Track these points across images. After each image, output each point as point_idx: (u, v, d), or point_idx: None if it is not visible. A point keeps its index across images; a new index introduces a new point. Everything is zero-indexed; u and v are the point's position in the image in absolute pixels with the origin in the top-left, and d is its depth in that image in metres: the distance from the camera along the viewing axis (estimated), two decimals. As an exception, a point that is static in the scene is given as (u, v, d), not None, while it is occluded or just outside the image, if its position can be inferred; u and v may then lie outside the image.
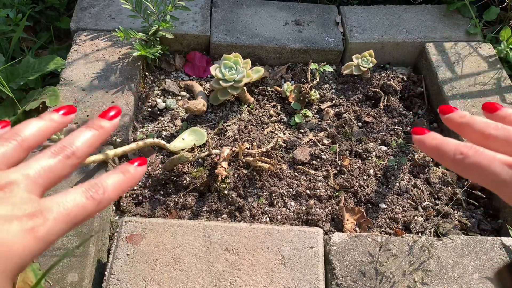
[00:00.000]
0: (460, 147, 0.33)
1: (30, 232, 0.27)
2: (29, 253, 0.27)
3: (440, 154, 0.34)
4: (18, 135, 0.34)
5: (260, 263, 0.92)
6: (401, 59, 1.48)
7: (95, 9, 1.42)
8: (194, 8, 1.47)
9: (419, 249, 0.94)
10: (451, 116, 0.38)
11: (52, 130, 0.37)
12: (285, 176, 1.13)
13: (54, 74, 1.32)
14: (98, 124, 0.37)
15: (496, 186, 0.30)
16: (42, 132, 0.35)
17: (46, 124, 0.36)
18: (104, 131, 0.37)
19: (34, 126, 0.35)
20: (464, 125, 0.36)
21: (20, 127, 0.35)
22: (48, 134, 0.36)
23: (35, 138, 0.35)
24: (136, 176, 0.36)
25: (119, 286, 0.88)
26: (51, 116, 0.37)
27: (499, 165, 0.30)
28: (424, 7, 1.54)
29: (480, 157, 0.31)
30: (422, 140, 0.36)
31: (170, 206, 1.07)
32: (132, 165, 0.36)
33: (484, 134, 0.34)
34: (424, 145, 0.36)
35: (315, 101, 1.33)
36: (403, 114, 1.32)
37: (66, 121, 0.38)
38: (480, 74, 1.34)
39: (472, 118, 0.36)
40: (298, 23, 1.47)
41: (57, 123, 0.37)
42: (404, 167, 1.18)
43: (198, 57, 1.42)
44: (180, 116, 1.29)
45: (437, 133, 0.36)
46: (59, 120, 0.37)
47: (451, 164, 0.33)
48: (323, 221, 1.05)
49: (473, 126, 0.35)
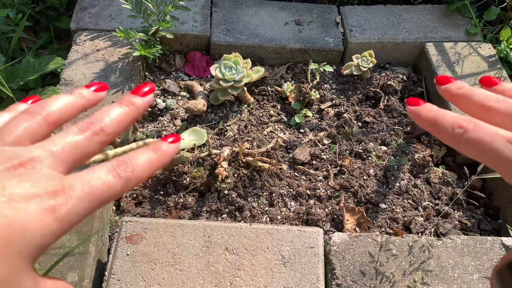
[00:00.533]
0: (459, 120, 0.30)
1: (50, 212, 0.25)
2: (50, 234, 0.25)
3: (437, 128, 0.32)
4: (44, 109, 0.31)
5: (260, 263, 0.92)
6: (401, 59, 1.48)
7: (95, 9, 1.42)
8: (194, 8, 1.47)
9: (419, 249, 0.94)
10: (448, 86, 0.35)
11: (81, 107, 0.34)
12: (285, 176, 1.13)
13: (54, 74, 1.32)
14: (130, 100, 0.34)
15: (498, 164, 0.28)
16: (70, 107, 0.33)
17: (75, 99, 0.34)
18: (135, 107, 0.34)
19: (62, 101, 0.33)
20: (461, 96, 0.34)
21: (47, 101, 0.32)
22: (76, 111, 0.34)
23: (62, 113, 0.32)
24: (168, 153, 0.33)
25: (119, 286, 0.88)
26: (81, 91, 0.34)
27: (502, 142, 0.28)
28: (424, 7, 1.54)
29: (481, 132, 0.29)
30: (417, 111, 0.33)
31: (170, 206, 1.07)
32: (165, 142, 0.33)
33: (485, 107, 0.32)
34: (420, 117, 0.33)
35: (315, 101, 1.33)
36: (403, 114, 1.32)
37: (97, 98, 0.35)
38: (480, 74, 1.34)
39: (471, 89, 0.34)
40: (298, 23, 1.47)
41: (86, 99, 0.34)
42: (404, 167, 1.18)
43: (198, 57, 1.42)
44: (180, 116, 1.29)
45: (433, 105, 0.33)
46: (89, 97, 0.34)
47: (449, 139, 0.31)
48: (323, 221, 1.05)
49: (472, 98, 0.33)
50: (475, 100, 0.32)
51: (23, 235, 0.24)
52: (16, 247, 0.24)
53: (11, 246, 0.24)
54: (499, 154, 0.28)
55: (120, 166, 0.29)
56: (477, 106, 0.32)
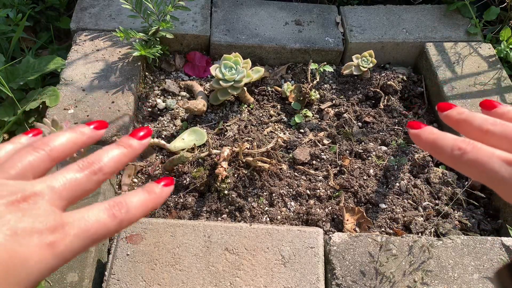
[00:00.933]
0: (458, 142, 0.32)
1: (49, 247, 0.27)
2: (46, 269, 0.27)
3: (437, 150, 0.33)
4: (47, 145, 0.33)
5: (260, 263, 0.92)
6: (401, 59, 1.48)
7: (95, 9, 1.42)
8: (194, 8, 1.47)
9: (419, 249, 0.94)
10: (449, 113, 0.37)
11: (82, 143, 0.37)
12: (285, 176, 1.13)
13: (54, 74, 1.32)
14: (127, 142, 0.37)
15: (495, 183, 0.29)
16: (72, 144, 0.35)
17: (76, 136, 0.36)
18: (132, 149, 0.37)
19: (65, 138, 0.35)
20: (462, 121, 0.35)
21: (51, 137, 0.34)
22: (77, 147, 0.36)
23: (65, 150, 0.35)
24: (162, 196, 0.35)
25: (119, 286, 0.88)
26: (83, 129, 0.37)
27: (498, 162, 0.29)
28: (424, 7, 1.54)
29: (478, 153, 0.30)
30: (418, 134, 0.35)
31: (170, 206, 1.07)
32: (158, 185, 0.35)
33: (483, 130, 0.33)
34: (420, 140, 0.35)
35: (315, 101, 1.33)
36: (403, 114, 1.32)
37: (97, 135, 0.38)
38: (480, 74, 1.34)
39: (471, 114, 0.35)
40: (298, 23, 1.47)
41: (87, 137, 0.37)
42: (404, 167, 1.18)
43: (198, 57, 1.42)
44: (180, 116, 1.29)
45: (434, 128, 0.35)
46: (89, 134, 0.37)
47: (448, 160, 0.33)
48: (323, 221, 1.05)
49: (472, 122, 0.34)
50: (475, 124, 0.34)
51: (23, 268, 0.26)
52: (16, 278, 0.25)
53: (12, 278, 0.25)
54: (496, 174, 0.29)
55: (115, 206, 0.31)
56: (476, 130, 0.34)
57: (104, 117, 1.16)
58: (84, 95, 1.20)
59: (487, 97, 1.28)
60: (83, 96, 1.20)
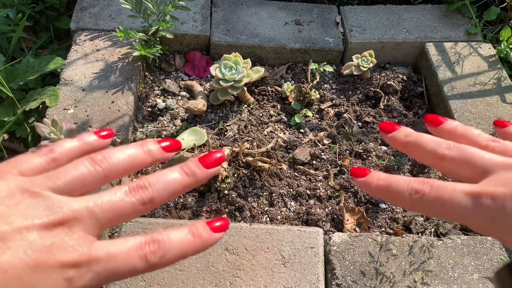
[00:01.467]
0: (414, 185, 0.29)
1: (66, 281, 0.24)
2: None
3: (393, 197, 0.30)
4: (107, 162, 0.29)
5: (260, 263, 0.92)
6: (401, 59, 1.48)
7: (95, 9, 1.42)
8: (194, 8, 1.47)
9: (419, 249, 0.94)
10: (394, 135, 0.34)
11: (145, 164, 0.32)
12: (285, 176, 1.13)
13: (54, 74, 1.32)
14: (194, 170, 0.30)
15: (464, 218, 0.28)
16: (131, 164, 0.30)
17: (140, 155, 0.31)
18: (195, 180, 0.30)
19: (127, 155, 0.30)
20: (411, 145, 0.33)
21: (114, 151, 0.30)
22: (138, 169, 0.31)
23: (123, 170, 0.30)
24: (208, 244, 0.28)
25: (119, 286, 0.88)
26: (151, 147, 0.31)
27: (462, 196, 0.27)
28: (424, 7, 1.54)
29: (438, 192, 0.28)
30: (366, 182, 0.31)
31: (170, 206, 1.07)
32: (207, 228, 0.28)
33: (438, 155, 0.31)
34: (371, 189, 0.31)
35: (315, 101, 1.33)
36: (403, 114, 1.32)
37: (163, 157, 0.32)
38: (480, 74, 1.34)
39: (419, 137, 0.32)
40: (298, 23, 1.47)
41: (152, 158, 0.31)
42: (404, 167, 1.18)
43: (198, 57, 1.42)
44: (180, 116, 1.29)
45: (380, 172, 0.32)
46: (156, 156, 0.31)
47: (408, 206, 0.29)
48: (323, 221, 1.05)
49: (424, 146, 0.32)
50: (428, 149, 0.31)
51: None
52: None
53: None
54: (463, 209, 0.27)
55: (152, 245, 0.26)
56: (431, 155, 0.31)
57: (104, 117, 1.16)
58: (84, 95, 1.20)
59: (487, 97, 1.28)
60: (83, 96, 1.20)
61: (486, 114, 1.23)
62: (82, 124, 1.13)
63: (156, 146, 0.31)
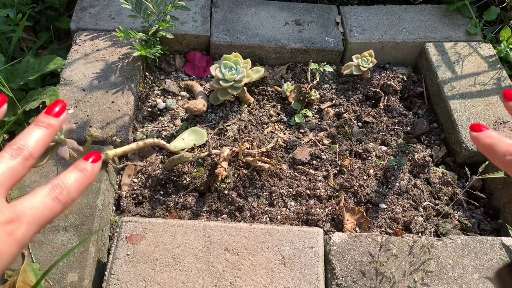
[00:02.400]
0: (511, 148, 0.34)
1: (10, 236, 0.30)
2: (11, 256, 0.29)
3: (492, 153, 0.35)
4: (25, 150, 0.35)
5: (260, 263, 0.92)
6: (401, 59, 1.48)
7: (95, 9, 1.42)
8: (194, 8, 1.47)
9: (419, 249, 0.94)
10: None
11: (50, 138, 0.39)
12: (285, 176, 1.13)
13: (54, 74, 1.32)
14: (47, 122, 0.38)
15: None
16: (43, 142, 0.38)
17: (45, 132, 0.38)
18: (53, 129, 0.38)
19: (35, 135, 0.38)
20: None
21: (24, 136, 0.37)
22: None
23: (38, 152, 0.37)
24: (94, 173, 0.38)
25: (119, 286, 0.88)
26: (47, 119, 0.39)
27: None
28: (424, 7, 1.54)
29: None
30: (477, 137, 0.37)
31: (170, 206, 1.07)
32: (88, 162, 0.38)
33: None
34: (479, 143, 0.37)
35: (315, 101, 1.33)
36: (403, 114, 1.32)
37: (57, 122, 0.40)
38: (480, 74, 1.34)
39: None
40: (298, 23, 1.47)
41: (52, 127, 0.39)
42: (404, 167, 1.18)
43: (198, 57, 1.42)
44: (180, 116, 1.29)
45: (493, 132, 0.37)
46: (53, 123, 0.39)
47: (500, 164, 0.34)
48: (323, 221, 1.05)
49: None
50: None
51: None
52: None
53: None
54: None
55: (55, 189, 0.34)
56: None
57: (104, 117, 1.16)
58: (84, 95, 1.20)
59: (487, 97, 1.28)
60: (83, 96, 1.19)
61: (486, 114, 1.23)
62: (82, 124, 1.13)
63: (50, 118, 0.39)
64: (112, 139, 1.12)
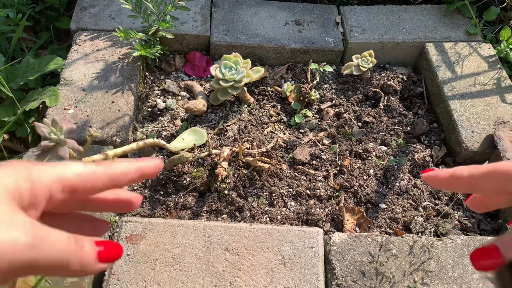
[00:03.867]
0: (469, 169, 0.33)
1: None
2: None
3: (457, 178, 0.34)
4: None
5: (260, 263, 0.92)
6: (401, 59, 1.48)
7: (95, 9, 1.42)
8: (194, 8, 1.47)
9: (419, 249, 0.94)
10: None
11: None
12: (285, 176, 1.13)
13: (54, 74, 1.32)
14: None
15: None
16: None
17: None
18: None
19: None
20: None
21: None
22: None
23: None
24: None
25: (119, 286, 0.88)
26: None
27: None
28: (424, 7, 1.54)
29: None
30: (436, 174, 0.35)
31: (170, 206, 1.07)
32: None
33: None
34: (439, 178, 0.35)
35: (315, 101, 1.33)
36: (403, 114, 1.32)
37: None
38: (480, 74, 1.34)
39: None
40: (298, 23, 1.47)
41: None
42: (404, 167, 1.18)
43: (198, 57, 1.42)
44: (180, 116, 1.29)
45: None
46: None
47: (470, 183, 0.33)
48: (323, 221, 1.05)
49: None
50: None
51: None
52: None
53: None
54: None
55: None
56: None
57: (104, 117, 1.16)
58: (84, 95, 1.20)
59: (487, 97, 1.28)
60: (83, 96, 1.19)
61: (486, 114, 1.23)
62: (82, 124, 1.13)
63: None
64: (112, 139, 1.12)
